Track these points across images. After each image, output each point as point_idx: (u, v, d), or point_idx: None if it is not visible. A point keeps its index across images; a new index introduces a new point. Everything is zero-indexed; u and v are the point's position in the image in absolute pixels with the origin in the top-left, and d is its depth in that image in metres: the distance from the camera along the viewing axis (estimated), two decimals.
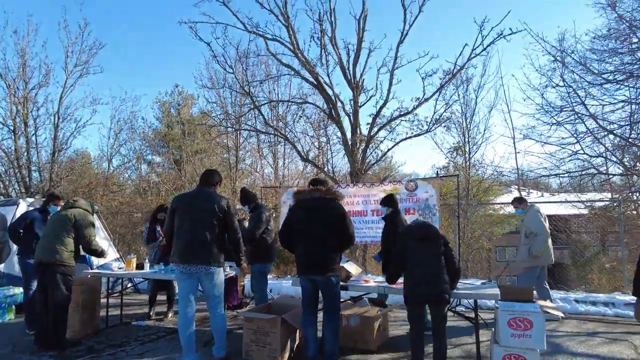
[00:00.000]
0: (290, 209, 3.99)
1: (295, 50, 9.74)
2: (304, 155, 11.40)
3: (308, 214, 3.72)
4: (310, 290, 3.76)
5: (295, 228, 3.78)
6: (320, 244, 3.66)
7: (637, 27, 8.18)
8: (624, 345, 4.54)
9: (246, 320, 4.23)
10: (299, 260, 3.79)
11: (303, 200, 3.82)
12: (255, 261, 5.09)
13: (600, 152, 9.07)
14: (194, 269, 3.75)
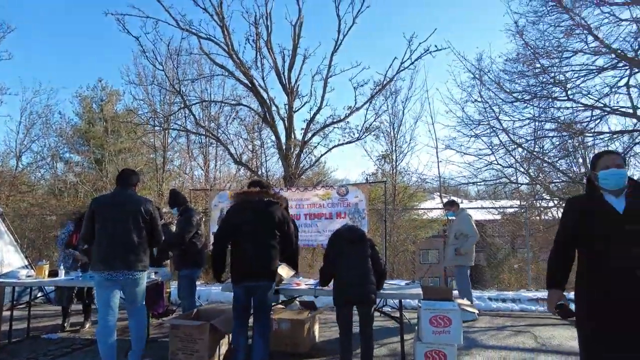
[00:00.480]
0: (231, 211, 3.70)
1: (230, 52, 9.58)
2: (237, 158, 11.22)
3: (256, 217, 3.55)
4: (245, 297, 3.58)
5: (240, 230, 3.55)
6: (266, 250, 3.55)
7: (540, 54, 9.19)
8: (527, 336, 5.05)
9: (172, 328, 4.05)
10: (238, 266, 3.55)
11: (249, 202, 3.63)
12: (184, 267, 4.89)
13: (511, 163, 10.03)
14: (119, 275, 3.54)
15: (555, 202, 10.61)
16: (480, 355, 4.34)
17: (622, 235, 2.33)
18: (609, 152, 2.59)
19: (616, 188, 2.42)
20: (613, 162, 2.43)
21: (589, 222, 2.44)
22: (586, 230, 2.47)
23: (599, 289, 2.38)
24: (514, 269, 11.98)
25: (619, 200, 2.40)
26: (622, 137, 9.07)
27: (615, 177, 2.42)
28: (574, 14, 8.65)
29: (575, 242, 2.53)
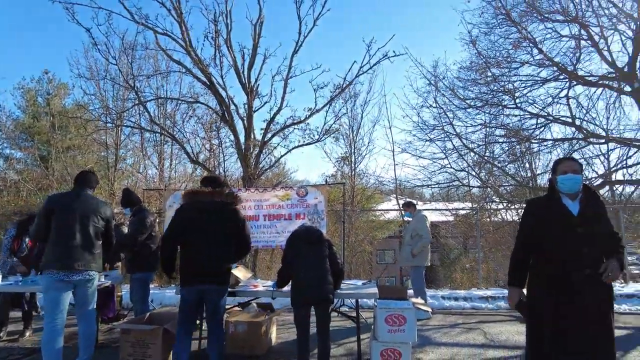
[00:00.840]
0: (182, 210, 3.51)
1: (187, 48, 9.32)
2: (193, 157, 10.91)
3: (209, 218, 3.40)
4: (195, 302, 3.40)
5: (190, 232, 3.39)
6: (219, 251, 3.40)
7: (491, 63, 9.68)
8: (477, 332, 5.27)
9: (123, 333, 3.89)
10: (189, 268, 3.37)
11: (202, 202, 3.47)
12: (137, 270, 4.69)
13: (463, 167, 10.48)
14: (75, 275, 3.43)
15: (504, 204, 11.17)
16: (433, 352, 4.49)
17: (574, 237, 2.52)
18: (568, 159, 2.81)
19: (572, 192, 2.62)
20: (570, 168, 2.63)
21: (547, 223, 2.62)
22: (543, 231, 2.63)
23: (550, 287, 2.55)
24: (465, 268, 12.48)
25: (574, 203, 2.60)
26: (563, 144, 9.74)
27: (571, 182, 2.60)
28: (521, 27, 9.19)
29: (533, 242, 2.69)
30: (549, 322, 2.55)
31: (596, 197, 2.69)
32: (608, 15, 8.54)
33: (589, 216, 2.55)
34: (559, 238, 2.57)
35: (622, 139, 8.93)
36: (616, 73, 8.66)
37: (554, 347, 2.52)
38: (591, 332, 2.45)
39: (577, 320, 2.46)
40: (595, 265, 2.47)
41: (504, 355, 4.35)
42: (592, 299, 2.46)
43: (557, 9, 8.98)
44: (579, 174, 2.62)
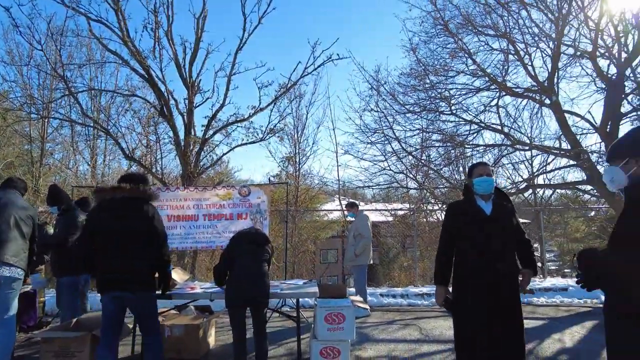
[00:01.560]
0: (90, 211, 3.30)
1: (124, 38, 8.81)
2: (128, 153, 10.32)
3: (120, 217, 3.09)
4: (116, 310, 3.11)
5: (100, 234, 3.10)
6: (133, 254, 3.07)
7: (430, 71, 10.17)
8: (413, 328, 5.50)
9: (44, 342, 3.60)
10: (102, 273, 3.07)
11: (106, 201, 3.16)
12: (65, 273, 4.34)
13: (402, 170, 10.89)
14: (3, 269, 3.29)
15: (439, 205, 11.75)
16: (371, 349, 4.61)
17: (487, 234, 2.77)
18: (482, 163, 3.04)
19: (486, 193, 2.88)
20: (485, 171, 2.88)
21: (463, 222, 2.88)
22: (461, 230, 2.88)
23: (467, 280, 2.80)
24: (403, 266, 13.00)
25: (487, 204, 2.87)
26: (493, 150, 10.44)
27: (485, 184, 2.86)
28: (458, 38, 9.74)
29: (454, 241, 2.92)
30: (469, 315, 2.78)
31: (507, 199, 2.96)
32: (531, 34, 9.31)
33: (500, 216, 2.81)
34: (474, 236, 2.81)
35: (543, 146, 9.76)
36: (538, 86, 9.45)
37: (476, 339, 2.73)
38: (504, 323, 2.68)
39: (491, 312, 2.68)
40: (505, 260, 2.73)
41: (438, 349, 4.57)
42: (504, 292, 2.70)
43: (489, 24, 9.63)
44: (492, 177, 2.88)
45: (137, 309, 3.20)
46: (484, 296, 2.71)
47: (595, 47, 8.49)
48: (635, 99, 9.48)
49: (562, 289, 7.70)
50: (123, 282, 3.03)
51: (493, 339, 2.67)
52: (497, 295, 2.68)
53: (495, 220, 2.79)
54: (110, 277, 3.05)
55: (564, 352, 4.45)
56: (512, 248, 2.82)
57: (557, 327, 5.43)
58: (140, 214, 3.16)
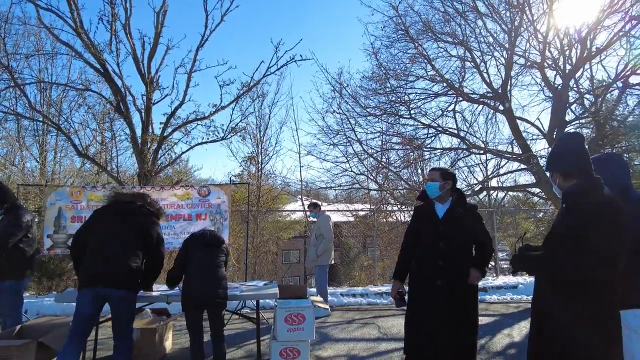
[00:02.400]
0: (96, 210, 3.48)
1: (78, 29, 8.37)
2: (82, 150, 9.82)
3: (122, 219, 3.31)
4: (95, 309, 3.09)
5: (96, 229, 3.26)
6: (126, 252, 3.19)
7: (391, 75, 10.40)
8: (372, 327, 5.60)
9: None
10: (91, 270, 3.11)
11: (119, 203, 3.44)
12: (7, 277, 4.05)
13: (363, 171, 11.06)
14: None
15: (397, 206, 12.03)
16: (331, 348, 4.65)
17: (436, 236, 2.94)
18: (431, 169, 3.23)
19: (432, 197, 3.07)
20: (428, 177, 3.12)
21: (420, 225, 3.03)
22: (418, 231, 3.08)
23: (417, 278, 3.03)
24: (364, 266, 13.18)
25: (443, 206, 3.01)
26: (450, 153, 10.82)
27: (427, 189, 3.08)
28: (418, 44, 10.02)
29: (412, 241, 3.13)
30: (417, 312, 2.97)
31: (463, 202, 3.09)
32: (487, 43, 9.74)
33: (452, 219, 2.96)
34: (425, 238, 3.01)
35: (497, 150, 10.22)
36: (493, 93, 9.89)
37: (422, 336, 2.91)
38: (452, 322, 2.81)
39: (439, 311, 2.81)
40: (451, 261, 2.87)
41: (395, 347, 4.68)
42: (452, 293, 2.84)
43: (448, 31, 9.98)
44: (435, 182, 3.03)
45: (117, 308, 3.13)
46: (431, 295, 2.86)
47: (544, 59, 9.00)
48: (578, 108, 10.16)
49: (513, 286, 8.10)
50: (113, 278, 3.07)
51: (440, 337, 2.79)
52: (444, 296, 2.81)
53: (445, 223, 2.94)
54: (100, 272, 3.06)
55: (512, 346, 4.68)
56: (463, 250, 2.94)
57: (507, 323, 5.71)
58: (142, 217, 3.40)
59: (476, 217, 3.05)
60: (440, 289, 2.83)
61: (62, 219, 6.46)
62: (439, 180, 3.03)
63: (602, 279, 1.88)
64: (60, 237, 6.45)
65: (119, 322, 3.16)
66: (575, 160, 2.06)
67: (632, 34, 8.57)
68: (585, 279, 1.90)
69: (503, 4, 9.29)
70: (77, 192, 6.54)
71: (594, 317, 1.89)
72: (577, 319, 1.91)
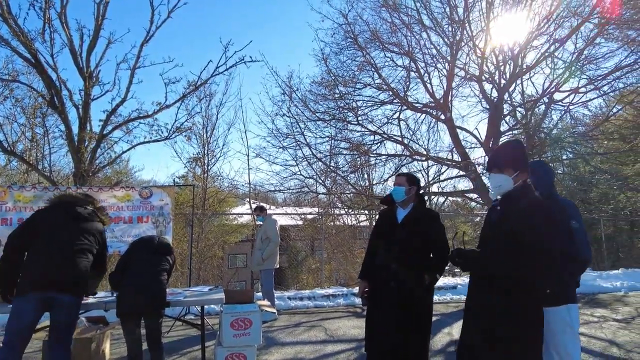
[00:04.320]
0: (38, 210, 3.28)
1: (4, 14, 7.71)
2: (8, 147, 9.02)
3: (72, 221, 3.16)
4: (37, 316, 2.89)
5: (42, 231, 3.04)
6: (77, 254, 3.03)
7: (339, 81, 10.60)
8: (319, 329, 5.65)
9: None
10: (36, 273, 2.89)
11: (68, 204, 3.27)
12: None
13: (312, 175, 11.16)
14: None
15: (345, 210, 12.25)
16: (277, 352, 4.64)
17: (393, 239, 3.04)
18: (397, 174, 3.49)
19: (397, 201, 3.17)
20: (396, 181, 3.22)
21: (381, 227, 3.15)
22: (378, 235, 3.21)
23: (374, 278, 3.14)
24: (311, 269, 13.26)
25: (404, 211, 3.14)
26: (394, 159, 11.21)
27: (393, 193, 3.18)
28: (366, 52, 10.32)
29: (376, 243, 3.22)
30: (373, 313, 3.09)
31: (423, 207, 3.22)
32: (430, 55, 10.25)
33: (410, 223, 3.07)
34: (384, 240, 3.11)
35: (438, 158, 10.76)
36: (435, 103, 10.41)
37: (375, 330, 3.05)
38: (403, 324, 2.92)
39: (391, 313, 2.93)
40: (404, 264, 2.95)
41: (342, 349, 4.76)
42: (404, 296, 2.93)
43: (394, 41, 10.36)
44: (401, 187, 3.15)
45: (62, 316, 2.93)
46: (385, 296, 2.96)
47: (482, 72, 9.63)
48: (511, 119, 10.97)
49: (452, 287, 8.54)
50: (63, 283, 2.89)
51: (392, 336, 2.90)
52: (396, 297, 2.92)
53: (402, 227, 3.05)
54: (48, 276, 2.87)
55: (453, 343, 4.94)
56: (418, 254, 2.99)
57: (447, 322, 6.01)
58: (92, 221, 3.29)
59: (434, 223, 3.10)
60: (393, 290, 2.92)
61: None
62: (405, 185, 3.12)
63: (536, 275, 2.07)
64: None
65: (59, 331, 2.95)
66: (523, 160, 2.26)
67: (555, 54, 9.45)
68: (523, 276, 2.07)
69: (446, 18, 9.82)
70: (1, 193, 6.00)
71: (521, 310, 2.08)
72: (505, 313, 2.09)
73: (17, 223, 5.92)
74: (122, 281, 3.38)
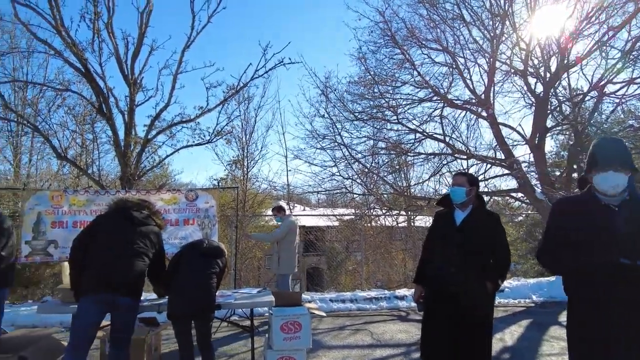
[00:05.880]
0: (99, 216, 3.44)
1: (58, 27, 8.09)
2: (61, 152, 9.46)
3: (131, 225, 3.25)
4: (97, 317, 3.00)
5: (101, 233, 3.16)
6: (136, 259, 3.13)
7: (377, 80, 10.46)
8: (364, 333, 5.56)
9: None
10: (96, 274, 3.01)
11: (127, 209, 3.35)
12: None
13: (350, 176, 11.06)
14: None
15: (383, 211, 12.08)
16: (325, 356, 4.59)
17: (451, 242, 2.90)
18: (456, 174, 3.22)
19: (456, 202, 2.98)
20: (455, 182, 3.03)
21: (437, 231, 3.01)
22: (435, 237, 3.07)
23: (432, 282, 3.01)
24: (348, 270, 13.17)
25: (463, 213, 2.97)
26: (434, 159, 10.94)
27: (453, 194, 2.99)
28: (404, 50, 10.12)
29: (430, 246, 3.12)
30: (430, 319, 2.98)
31: (483, 209, 3.06)
32: (471, 50, 9.93)
33: (469, 226, 2.91)
34: (441, 244, 2.97)
35: (481, 156, 10.39)
36: (476, 99, 10.07)
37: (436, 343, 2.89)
38: (463, 331, 2.79)
39: (450, 319, 2.80)
40: (463, 269, 2.81)
41: (390, 354, 4.66)
42: (463, 301, 2.78)
43: (432, 37, 10.12)
44: (461, 187, 2.96)
45: (122, 317, 3.05)
46: (444, 302, 2.83)
47: (526, 66, 9.22)
48: (558, 115, 10.46)
49: (500, 290, 8.20)
50: (120, 285, 2.98)
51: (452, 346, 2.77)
52: (456, 302, 2.78)
53: (462, 230, 2.89)
54: (109, 279, 2.97)
55: (505, 350, 4.73)
56: (478, 258, 2.86)
57: (498, 327, 5.75)
58: (148, 224, 3.37)
59: (497, 226, 2.96)
60: (453, 296, 2.79)
61: (42, 224, 6.19)
62: (466, 185, 2.95)
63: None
64: (39, 244, 6.18)
65: (119, 331, 3.06)
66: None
67: (608, 44, 8.91)
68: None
69: (486, 11, 9.49)
70: (58, 197, 6.29)
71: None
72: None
73: (72, 226, 6.20)
74: (172, 284, 3.43)
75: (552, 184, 8.83)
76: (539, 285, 8.12)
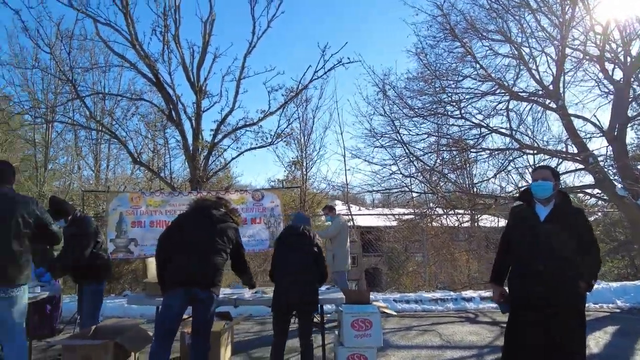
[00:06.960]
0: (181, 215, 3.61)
1: (133, 41, 8.75)
2: (136, 157, 10.21)
3: (210, 223, 3.40)
4: (180, 310, 3.16)
5: (187, 234, 3.33)
6: (215, 255, 3.30)
7: (437, 75, 10.17)
8: (432, 334, 5.43)
9: (66, 350, 3.50)
10: (178, 270, 3.19)
11: (205, 208, 3.51)
12: (93, 280, 4.22)
13: (411, 173, 10.85)
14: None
15: (446, 210, 11.70)
16: (394, 355, 4.55)
17: (536, 238, 2.71)
18: (539, 167, 3.05)
19: (541, 197, 2.80)
20: (540, 175, 2.83)
21: (517, 227, 2.85)
22: (516, 234, 2.87)
23: (516, 283, 2.86)
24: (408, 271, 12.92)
25: (545, 208, 2.79)
26: (498, 155, 10.43)
27: (539, 188, 2.80)
28: (464, 43, 9.76)
29: (508, 244, 2.95)
30: (517, 320, 2.79)
31: (567, 204, 2.85)
32: (537, 38, 9.35)
33: (555, 221, 2.72)
34: (525, 241, 2.78)
35: (550, 150, 9.75)
36: (543, 90, 9.47)
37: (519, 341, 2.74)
38: (554, 330, 2.62)
39: (541, 318, 2.63)
40: (553, 267, 2.63)
41: (461, 355, 4.52)
42: (554, 299, 2.63)
43: (494, 28, 9.67)
44: (548, 181, 2.78)
45: (203, 310, 3.20)
46: (532, 303, 2.66)
47: (602, 51, 8.52)
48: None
49: None
50: (201, 280, 3.15)
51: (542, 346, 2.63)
52: (546, 303, 2.62)
53: (548, 224, 2.72)
54: (191, 273, 3.14)
55: (591, 357, 4.40)
56: (567, 255, 2.67)
57: None
58: (225, 222, 3.48)
59: (583, 221, 2.78)
60: (542, 296, 2.63)
61: (123, 224, 6.72)
62: (551, 179, 2.79)
63: None
64: (121, 242, 6.71)
65: (200, 324, 3.23)
66: None
67: None
68: None
69: None
70: (136, 198, 6.79)
71: None
72: None
73: (149, 225, 6.66)
74: (276, 278, 3.65)
75: (637, 179, 8.06)
76: (623, 289, 7.47)
